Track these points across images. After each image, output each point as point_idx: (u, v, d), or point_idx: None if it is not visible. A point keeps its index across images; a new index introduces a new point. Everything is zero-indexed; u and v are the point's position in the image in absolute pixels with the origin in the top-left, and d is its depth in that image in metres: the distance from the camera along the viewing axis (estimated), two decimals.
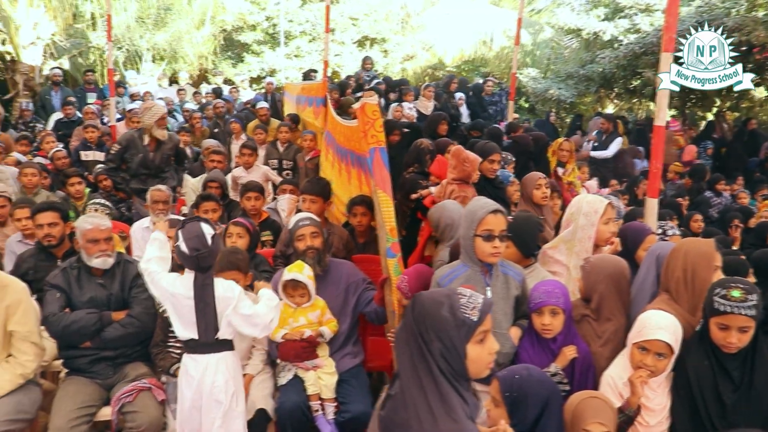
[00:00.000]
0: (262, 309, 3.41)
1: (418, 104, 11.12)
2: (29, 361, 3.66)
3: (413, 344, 1.98)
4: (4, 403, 3.51)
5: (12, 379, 3.59)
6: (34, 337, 3.69)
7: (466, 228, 3.25)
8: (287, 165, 8.21)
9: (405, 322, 2.05)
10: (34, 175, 6.59)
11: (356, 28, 20.15)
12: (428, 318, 1.97)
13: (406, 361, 2.01)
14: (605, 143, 10.56)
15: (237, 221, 4.62)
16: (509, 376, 2.61)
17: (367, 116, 3.89)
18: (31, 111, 11.42)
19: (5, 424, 3.43)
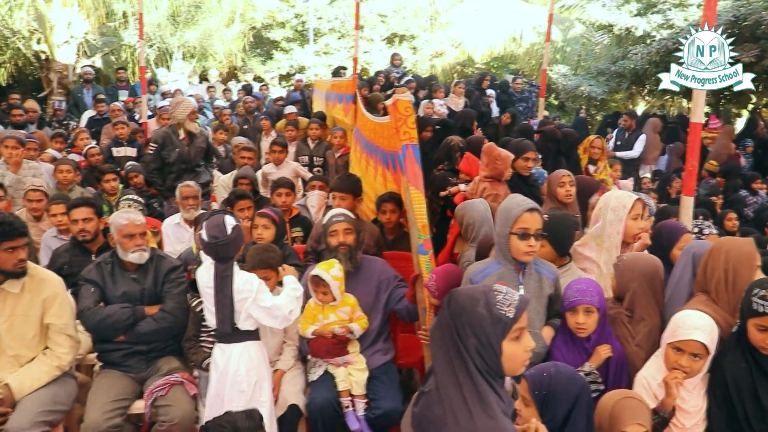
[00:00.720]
0: (282, 300, 3.45)
1: (448, 101, 11.08)
2: (65, 354, 3.71)
3: (449, 340, 1.98)
4: (41, 394, 3.56)
5: (49, 371, 3.64)
6: (69, 329, 3.74)
7: (501, 226, 3.23)
8: (317, 162, 8.22)
9: (441, 318, 2.04)
10: (69, 171, 6.69)
11: (385, 25, 20.13)
12: (464, 314, 1.96)
13: (441, 357, 2.00)
14: (628, 141, 10.40)
15: (262, 212, 4.59)
16: (538, 374, 2.58)
17: (399, 113, 3.88)
18: (64, 110, 11.58)
19: (43, 414, 3.47)
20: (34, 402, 3.50)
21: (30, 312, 3.62)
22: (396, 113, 3.90)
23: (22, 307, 3.61)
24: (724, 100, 13.82)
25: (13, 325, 3.60)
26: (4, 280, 3.57)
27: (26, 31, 13.53)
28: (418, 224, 3.76)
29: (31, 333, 3.64)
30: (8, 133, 7.57)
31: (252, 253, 3.78)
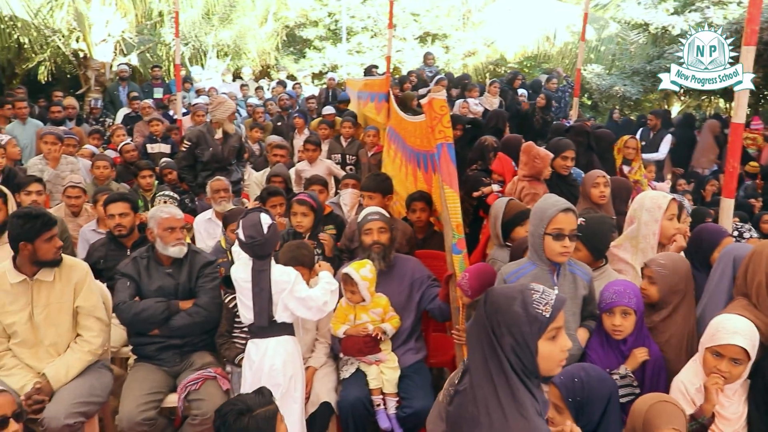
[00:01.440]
0: (317, 292, 3.46)
1: (483, 101, 11.03)
2: (94, 337, 3.76)
3: (485, 339, 1.96)
4: (77, 385, 3.61)
5: (81, 357, 3.69)
6: (98, 312, 3.79)
7: (535, 226, 3.20)
8: (350, 160, 8.23)
9: (477, 317, 2.03)
10: (105, 167, 6.80)
11: (417, 23, 20.10)
12: (500, 313, 1.95)
13: (477, 356, 1.99)
14: (653, 142, 10.21)
15: (300, 199, 4.60)
16: (568, 380, 2.55)
17: (434, 111, 3.86)
18: (100, 108, 11.75)
19: (78, 405, 3.52)
20: (71, 393, 3.56)
21: (63, 299, 3.70)
22: (431, 112, 3.88)
23: (56, 296, 3.68)
24: (764, 100, 13.54)
25: (50, 314, 3.67)
26: (37, 271, 3.63)
27: (66, 30, 13.74)
28: (452, 223, 3.74)
29: (66, 320, 3.71)
30: (47, 129, 7.72)
31: (285, 249, 3.80)
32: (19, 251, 3.57)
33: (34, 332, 3.65)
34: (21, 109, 8.99)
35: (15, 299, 3.62)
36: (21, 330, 3.62)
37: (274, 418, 2.46)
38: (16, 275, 3.61)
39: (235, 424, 2.39)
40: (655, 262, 3.41)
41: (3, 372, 3.62)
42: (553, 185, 5.00)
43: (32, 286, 3.63)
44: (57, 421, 3.41)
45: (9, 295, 3.61)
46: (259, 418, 2.41)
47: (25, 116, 9.02)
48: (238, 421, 2.39)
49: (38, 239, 3.53)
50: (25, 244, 3.53)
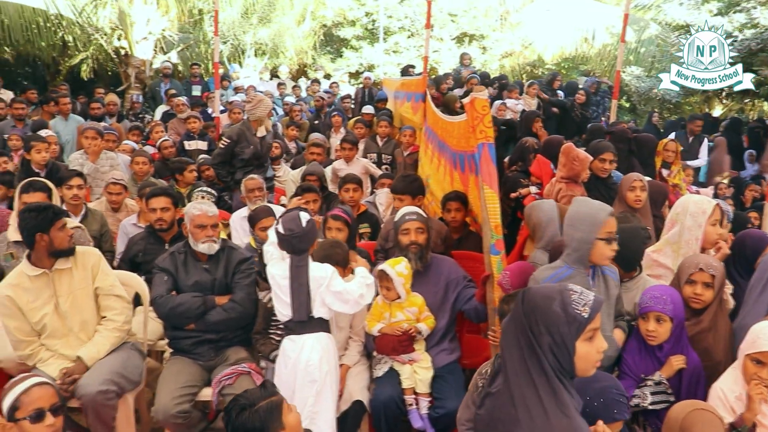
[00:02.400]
0: (353, 285, 3.48)
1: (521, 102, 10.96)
2: (117, 314, 3.84)
3: (523, 338, 1.96)
4: (110, 359, 3.72)
5: (109, 335, 3.78)
6: (117, 290, 3.88)
7: (587, 231, 3.09)
8: (386, 159, 8.24)
9: (514, 315, 2.02)
10: (145, 163, 6.91)
11: (455, 24, 20.04)
12: (539, 312, 1.95)
13: (514, 355, 1.99)
14: (691, 147, 9.99)
15: (336, 215, 4.60)
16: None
17: (476, 111, 3.84)
18: (140, 103, 11.94)
19: (111, 375, 3.61)
20: (103, 365, 3.67)
21: (84, 284, 3.78)
22: (473, 111, 3.86)
23: (76, 283, 3.76)
24: None
25: (75, 301, 3.76)
26: (54, 262, 3.71)
27: (108, 28, 13.99)
28: (491, 224, 3.72)
29: (90, 305, 3.80)
30: (88, 124, 7.86)
31: (319, 248, 3.81)
32: (36, 243, 3.63)
33: (63, 322, 3.74)
34: (64, 105, 9.21)
35: (38, 294, 3.69)
36: (50, 322, 3.70)
37: (278, 409, 2.46)
38: (34, 270, 3.68)
39: (238, 420, 2.41)
40: (711, 266, 3.29)
41: (40, 365, 3.71)
42: (591, 188, 4.94)
43: (53, 277, 3.71)
44: (91, 387, 3.52)
45: (31, 292, 3.68)
46: (261, 411, 2.42)
47: (68, 112, 9.24)
48: (240, 416, 2.41)
49: (52, 228, 3.62)
50: (42, 235, 3.61)
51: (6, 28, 12.70)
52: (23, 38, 13.20)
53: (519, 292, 3.02)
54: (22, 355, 3.73)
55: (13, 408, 2.71)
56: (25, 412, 2.70)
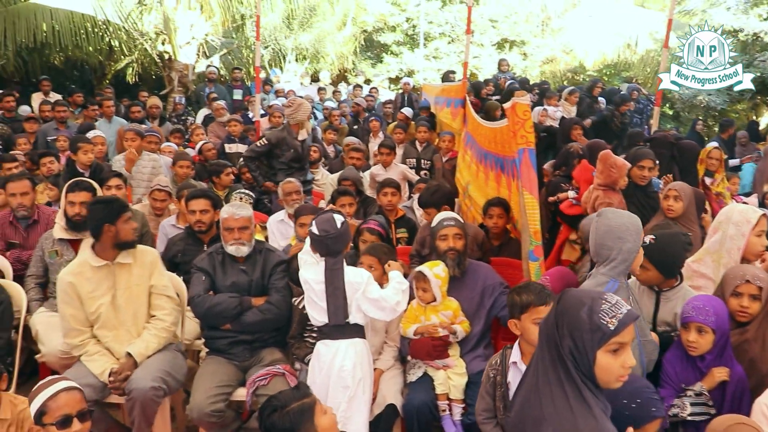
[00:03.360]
0: (389, 292, 3.46)
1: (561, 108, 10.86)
2: (166, 315, 3.91)
3: (551, 338, 1.97)
4: (159, 358, 3.79)
5: (157, 334, 3.85)
6: (169, 291, 3.97)
7: (635, 241, 3.00)
8: (425, 165, 8.22)
9: (548, 314, 2.04)
10: (188, 166, 7.01)
11: (495, 30, 19.99)
12: (566, 315, 1.96)
13: (546, 354, 1.99)
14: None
15: (371, 228, 4.63)
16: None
17: (517, 116, 3.82)
18: (183, 105, 12.13)
19: (162, 373, 3.68)
20: (154, 363, 3.73)
21: (141, 281, 3.88)
22: (514, 116, 3.84)
23: (135, 278, 3.86)
24: None
25: (131, 295, 3.85)
26: (117, 254, 3.82)
27: (153, 33, 14.25)
28: (530, 230, 3.69)
29: (144, 301, 3.90)
30: (130, 126, 8.02)
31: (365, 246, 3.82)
32: (103, 234, 3.76)
33: (116, 314, 3.83)
34: (107, 108, 9.42)
35: (98, 284, 3.80)
36: (104, 313, 3.80)
37: (310, 411, 2.44)
38: (97, 261, 3.80)
39: (269, 420, 2.41)
40: (758, 277, 3.19)
41: (85, 357, 3.79)
42: (630, 195, 4.85)
43: (114, 269, 3.83)
44: (144, 382, 3.58)
45: (92, 282, 3.79)
46: (292, 413, 2.40)
47: (111, 115, 9.44)
48: (271, 417, 2.41)
49: (119, 220, 3.76)
50: (109, 227, 3.74)
51: (57, 34, 13.03)
52: (72, 43, 13.51)
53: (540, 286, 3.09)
54: (71, 343, 3.83)
55: (41, 413, 2.72)
56: (52, 418, 2.71)
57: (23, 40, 12.72)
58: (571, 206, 4.98)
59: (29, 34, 12.69)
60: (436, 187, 4.96)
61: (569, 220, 5.01)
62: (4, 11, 12.81)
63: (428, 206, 4.90)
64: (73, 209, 4.53)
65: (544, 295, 3.01)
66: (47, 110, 9.61)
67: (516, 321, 3.07)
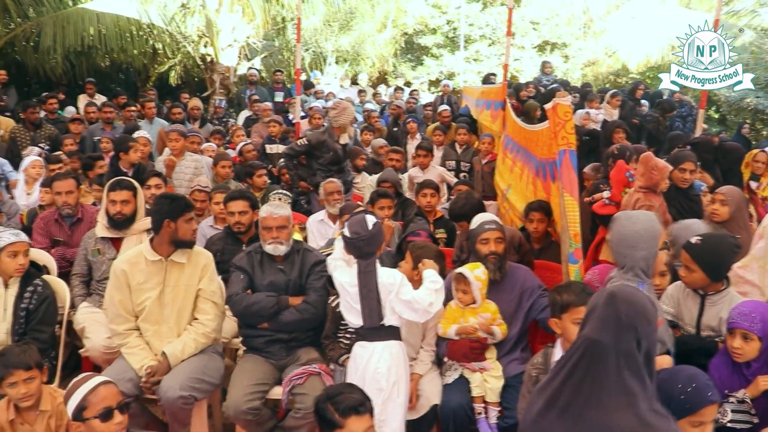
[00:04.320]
0: (422, 293, 3.40)
1: (603, 111, 10.72)
2: (209, 320, 3.94)
3: (622, 338, 1.97)
4: (192, 362, 3.81)
5: (196, 338, 3.87)
6: (216, 297, 4.00)
7: (652, 246, 3.12)
8: (464, 167, 8.18)
9: (607, 317, 2.03)
10: (228, 166, 7.09)
11: (537, 32, 19.82)
12: (641, 311, 2.03)
13: (609, 361, 1.99)
14: None
15: (417, 234, 4.72)
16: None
17: (558, 117, 3.78)
18: (224, 108, 12.28)
19: (193, 381, 3.70)
20: (185, 368, 3.75)
21: (190, 282, 3.93)
22: (555, 117, 3.80)
23: (185, 278, 3.92)
24: None
25: (177, 294, 3.90)
26: (173, 252, 3.89)
27: (196, 35, 14.46)
28: (570, 232, 3.64)
29: (189, 302, 3.94)
30: (172, 126, 8.15)
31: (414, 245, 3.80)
32: (162, 229, 3.83)
33: (161, 310, 3.89)
34: (150, 109, 9.60)
35: (149, 277, 3.88)
36: (149, 306, 3.87)
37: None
38: (153, 254, 3.88)
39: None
40: None
41: (126, 350, 3.86)
42: (671, 198, 4.75)
43: (166, 266, 3.89)
44: (173, 391, 3.61)
45: (143, 274, 3.87)
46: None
47: (153, 116, 9.62)
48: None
49: (181, 218, 3.83)
50: (169, 222, 3.81)
51: (103, 38, 13.33)
52: (118, 47, 13.81)
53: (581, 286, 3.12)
54: (115, 330, 3.91)
55: (81, 408, 2.74)
56: (94, 411, 2.74)
57: (71, 44, 13.02)
58: (604, 206, 4.91)
59: (77, 38, 13.00)
60: (465, 199, 4.90)
61: (603, 220, 4.94)
62: (53, 16, 13.15)
63: (459, 219, 4.86)
64: (114, 208, 4.61)
65: (584, 295, 2.99)
66: (92, 111, 9.82)
67: (557, 320, 3.09)
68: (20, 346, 3.26)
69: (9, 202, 6.22)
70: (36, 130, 8.92)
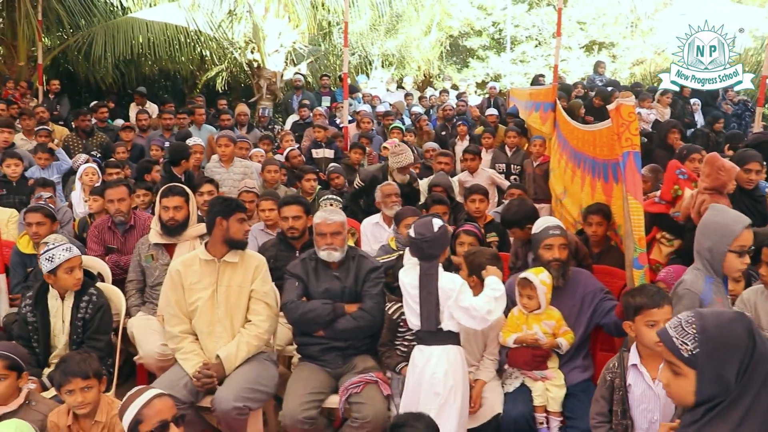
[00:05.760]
0: (481, 301, 3.31)
1: (655, 111, 10.48)
2: (262, 321, 3.93)
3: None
4: (246, 371, 3.79)
5: (250, 341, 3.86)
6: (269, 298, 3.99)
7: (717, 242, 3.06)
8: (515, 170, 8.06)
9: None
10: (276, 171, 7.09)
11: (584, 32, 19.52)
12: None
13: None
14: None
15: (468, 230, 4.60)
16: None
17: (622, 118, 3.65)
18: (267, 117, 12.33)
19: (247, 391, 3.68)
20: (240, 378, 3.73)
21: (243, 282, 3.93)
22: (618, 118, 3.68)
23: (237, 278, 3.92)
24: None
25: (230, 295, 3.91)
26: (226, 252, 3.91)
27: (242, 41, 14.57)
28: (634, 236, 3.52)
29: (242, 303, 3.94)
30: (221, 133, 8.19)
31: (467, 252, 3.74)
32: (215, 227, 3.88)
33: (213, 310, 3.90)
34: (200, 116, 9.70)
35: (202, 277, 3.91)
36: (202, 306, 3.89)
37: None
38: (206, 255, 3.92)
39: None
40: None
41: (180, 355, 3.87)
42: (736, 200, 4.57)
43: (219, 266, 3.91)
44: (227, 402, 3.58)
45: (197, 274, 3.91)
46: None
47: (202, 122, 9.72)
48: None
49: (232, 217, 3.88)
50: (221, 220, 3.86)
51: (152, 45, 13.52)
52: (166, 54, 14.00)
53: (655, 288, 3.08)
54: (171, 332, 3.93)
55: (137, 422, 2.71)
56: (150, 425, 2.71)
57: (121, 52, 13.25)
58: (653, 204, 4.76)
59: (127, 46, 13.21)
60: (518, 206, 4.77)
61: (654, 220, 4.78)
62: (104, 25, 13.40)
63: (511, 226, 4.74)
64: (166, 214, 4.64)
65: (657, 297, 3.00)
66: (144, 119, 9.96)
67: (630, 323, 3.07)
68: (81, 354, 3.26)
69: (63, 209, 6.29)
70: (88, 138, 9.09)
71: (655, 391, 2.99)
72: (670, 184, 4.60)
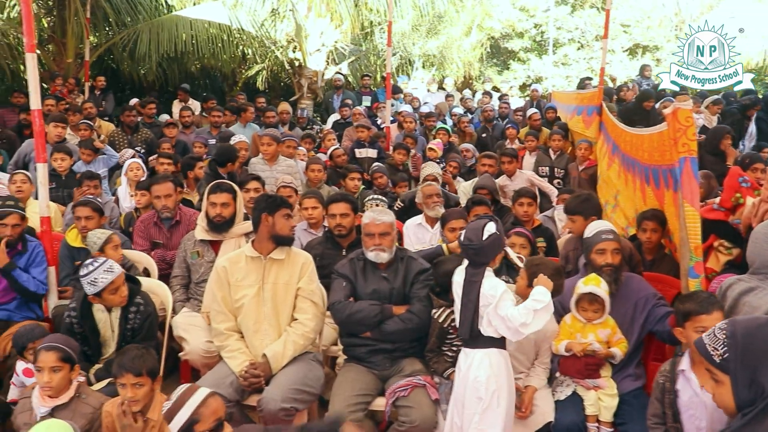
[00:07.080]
0: (517, 312, 3.19)
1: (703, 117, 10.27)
2: (309, 320, 3.92)
3: None
4: (293, 371, 3.77)
5: (296, 339, 3.85)
6: (315, 297, 3.98)
7: None
8: (558, 173, 7.96)
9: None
10: (319, 170, 7.09)
11: (627, 35, 19.22)
12: None
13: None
14: None
15: (519, 231, 4.58)
16: None
17: (679, 123, 3.57)
18: (306, 117, 12.37)
19: (295, 392, 3.66)
20: (287, 378, 3.72)
21: (289, 280, 3.93)
22: (675, 123, 3.59)
23: (284, 275, 3.92)
24: None
25: (276, 291, 3.90)
26: (272, 249, 3.91)
27: (284, 40, 14.64)
28: (690, 245, 3.43)
29: (289, 300, 3.93)
30: (266, 131, 8.23)
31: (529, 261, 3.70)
32: (260, 224, 3.89)
33: (258, 308, 3.90)
34: (249, 113, 9.78)
35: (247, 274, 3.91)
36: (247, 303, 3.89)
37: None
38: (253, 252, 3.93)
39: None
40: None
41: (226, 353, 3.87)
42: None
43: (265, 264, 3.91)
44: (274, 403, 3.57)
45: (242, 271, 3.92)
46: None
47: (248, 120, 9.77)
48: None
49: (277, 212, 3.89)
50: (267, 216, 3.86)
51: (195, 43, 13.66)
52: (209, 52, 14.13)
53: (706, 294, 3.06)
54: (217, 329, 3.94)
55: (193, 421, 2.71)
56: (207, 425, 2.71)
57: (165, 50, 13.40)
58: (711, 211, 4.64)
59: (170, 44, 13.34)
60: (588, 195, 4.72)
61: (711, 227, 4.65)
62: (149, 24, 13.56)
63: (576, 213, 4.65)
64: (214, 210, 4.66)
65: (707, 303, 2.97)
66: (187, 116, 10.04)
67: (681, 329, 3.06)
68: (139, 350, 3.24)
69: (110, 204, 6.36)
70: (133, 134, 9.20)
71: (701, 398, 2.95)
72: (732, 192, 4.48)
